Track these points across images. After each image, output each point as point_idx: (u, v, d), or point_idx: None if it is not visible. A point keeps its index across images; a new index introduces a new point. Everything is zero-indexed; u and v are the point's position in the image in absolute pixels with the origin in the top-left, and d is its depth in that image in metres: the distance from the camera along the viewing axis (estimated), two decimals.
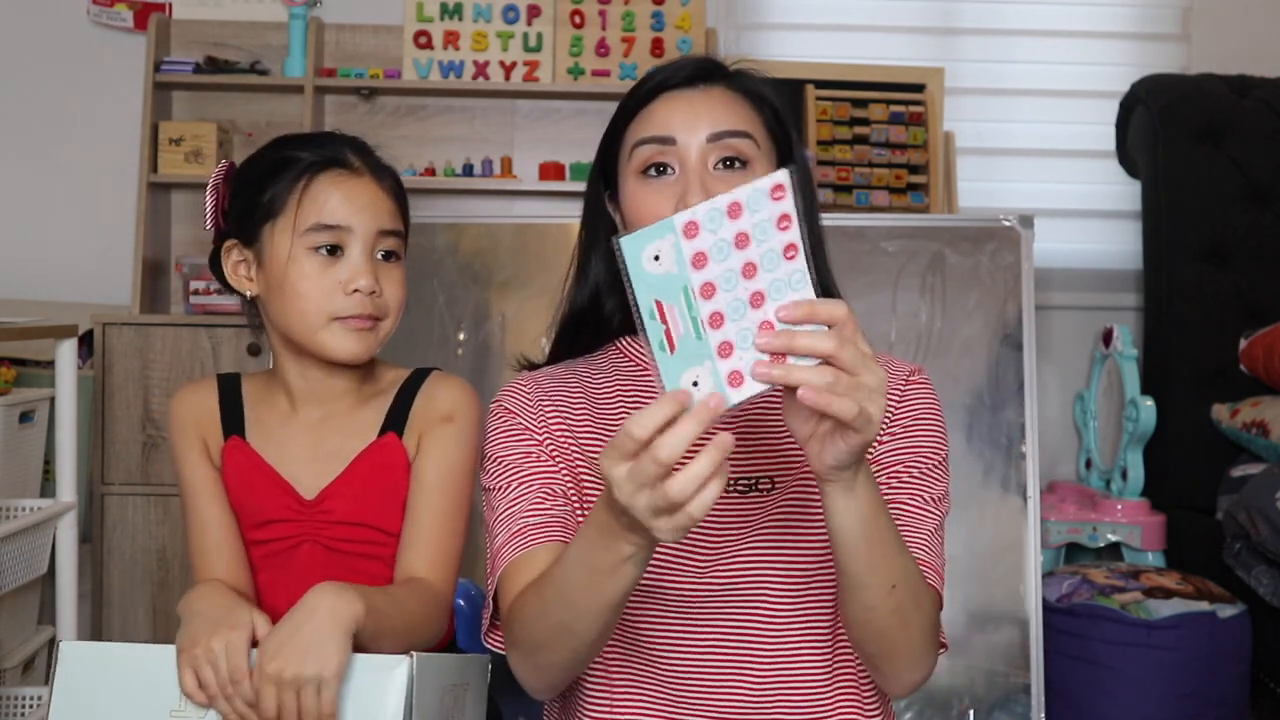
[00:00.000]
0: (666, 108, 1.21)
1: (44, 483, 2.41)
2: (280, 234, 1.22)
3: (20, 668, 2.30)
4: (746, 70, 1.26)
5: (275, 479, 1.27)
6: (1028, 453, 2.40)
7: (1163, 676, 2.30)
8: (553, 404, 1.27)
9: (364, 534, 1.25)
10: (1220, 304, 2.94)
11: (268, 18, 3.10)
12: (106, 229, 3.07)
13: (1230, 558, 2.46)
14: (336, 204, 1.22)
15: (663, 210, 1.18)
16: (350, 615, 1.06)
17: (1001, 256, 2.49)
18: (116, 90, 3.09)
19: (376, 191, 1.25)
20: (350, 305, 1.22)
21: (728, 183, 1.18)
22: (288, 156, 1.24)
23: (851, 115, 3.03)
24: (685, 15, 3.07)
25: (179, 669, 1.08)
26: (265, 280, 1.25)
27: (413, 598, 1.19)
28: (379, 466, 1.26)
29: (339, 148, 1.25)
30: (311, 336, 1.23)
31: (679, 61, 1.25)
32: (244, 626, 1.09)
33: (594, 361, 1.34)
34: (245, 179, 1.28)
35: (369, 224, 1.23)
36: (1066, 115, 3.27)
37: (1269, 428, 2.66)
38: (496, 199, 3.12)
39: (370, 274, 1.22)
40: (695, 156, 1.19)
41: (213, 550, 1.27)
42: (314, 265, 1.21)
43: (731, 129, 1.20)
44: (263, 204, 1.23)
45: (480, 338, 2.48)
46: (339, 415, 1.28)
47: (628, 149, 1.24)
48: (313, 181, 1.22)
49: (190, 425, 1.30)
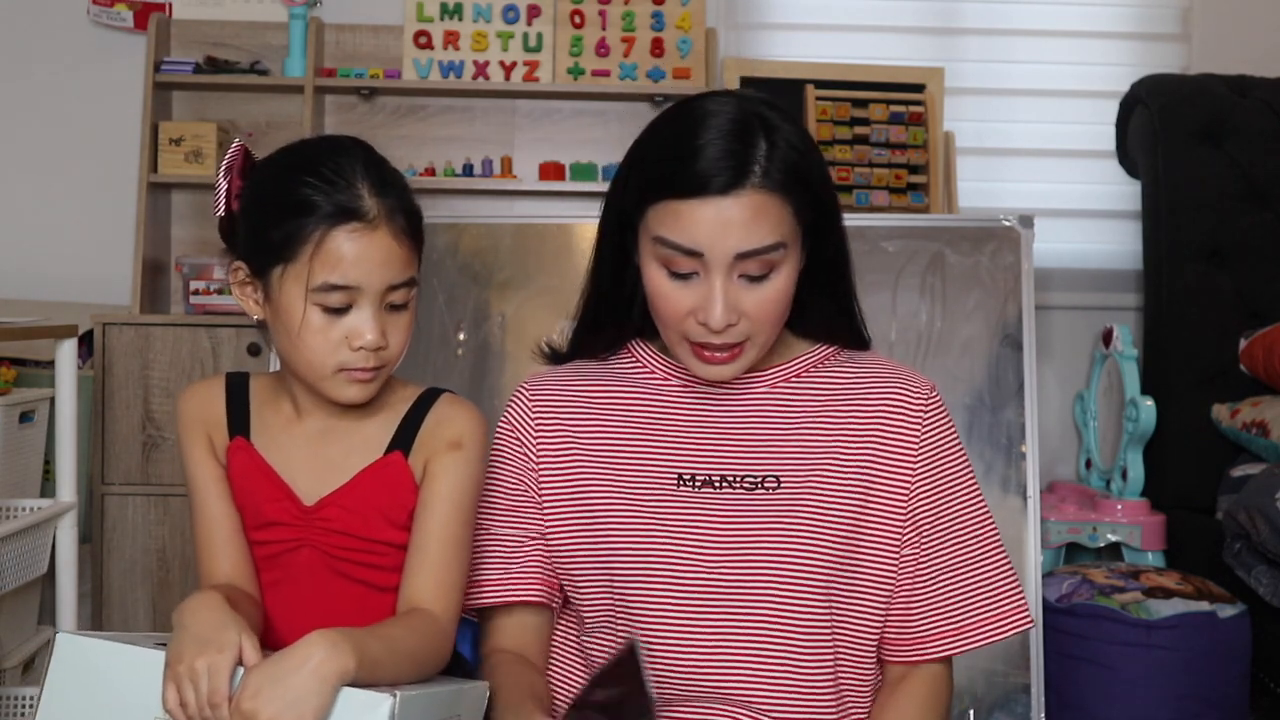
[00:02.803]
0: (695, 214, 1.16)
1: (44, 483, 2.41)
2: (290, 283, 1.20)
3: (20, 668, 2.30)
4: (780, 141, 1.17)
5: (277, 482, 1.27)
6: (1028, 453, 2.40)
7: (1163, 676, 2.30)
8: (552, 415, 1.32)
9: (363, 544, 1.25)
10: (1220, 304, 2.94)
11: (268, 18, 3.10)
12: (106, 229, 3.07)
13: (1230, 558, 2.46)
14: (349, 265, 1.19)
15: (682, 306, 1.19)
16: (338, 672, 1.05)
17: (1001, 256, 2.49)
18: (116, 90, 3.09)
19: (390, 245, 1.21)
20: (354, 359, 1.21)
21: (752, 293, 1.18)
22: (305, 200, 1.20)
23: (851, 115, 3.03)
24: (685, 15, 3.07)
25: (164, 683, 1.07)
26: (272, 314, 1.24)
27: (414, 636, 1.18)
28: (382, 484, 1.26)
29: (356, 191, 1.20)
30: (316, 383, 1.23)
31: (717, 151, 1.16)
32: (230, 648, 1.07)
33: (605, 364, 1.35)
34: (258, 203, 1.25)
35: (379, 282, 1.20)
36: (1066, 115, 3.27)
37: (1269, 428, 2.66)
38: (496, 199, 3.12)
39: (376, 329, 1.20)
40: (721, 273, 1.17)
41: (219, 547, 1.26)
42: (321, 320, 1.20)
43: (761, 246, 1.16)
44: (274, 244, 1.20)
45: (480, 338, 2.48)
46: (344, 426, 1.28)
47: (649, 229, 1.20)
48: (327, 238, 1.18)
49: (197, 423, 1.30)
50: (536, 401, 1.34)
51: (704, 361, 1.21)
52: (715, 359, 1.21)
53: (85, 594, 2.46)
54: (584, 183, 2.99)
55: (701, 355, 1.21)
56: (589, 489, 1.28)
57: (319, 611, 1.23)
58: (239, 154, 1.28)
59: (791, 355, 1.31)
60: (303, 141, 1.30)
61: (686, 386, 1.30)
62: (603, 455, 1.29)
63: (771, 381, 1.29)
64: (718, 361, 1.21)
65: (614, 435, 1.30)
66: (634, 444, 1.29)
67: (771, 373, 1.29)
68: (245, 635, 1.09)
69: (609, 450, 1.29)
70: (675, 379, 1.31)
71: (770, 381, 1.29)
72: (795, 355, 1.31)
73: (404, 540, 1.26)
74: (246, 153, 1.28)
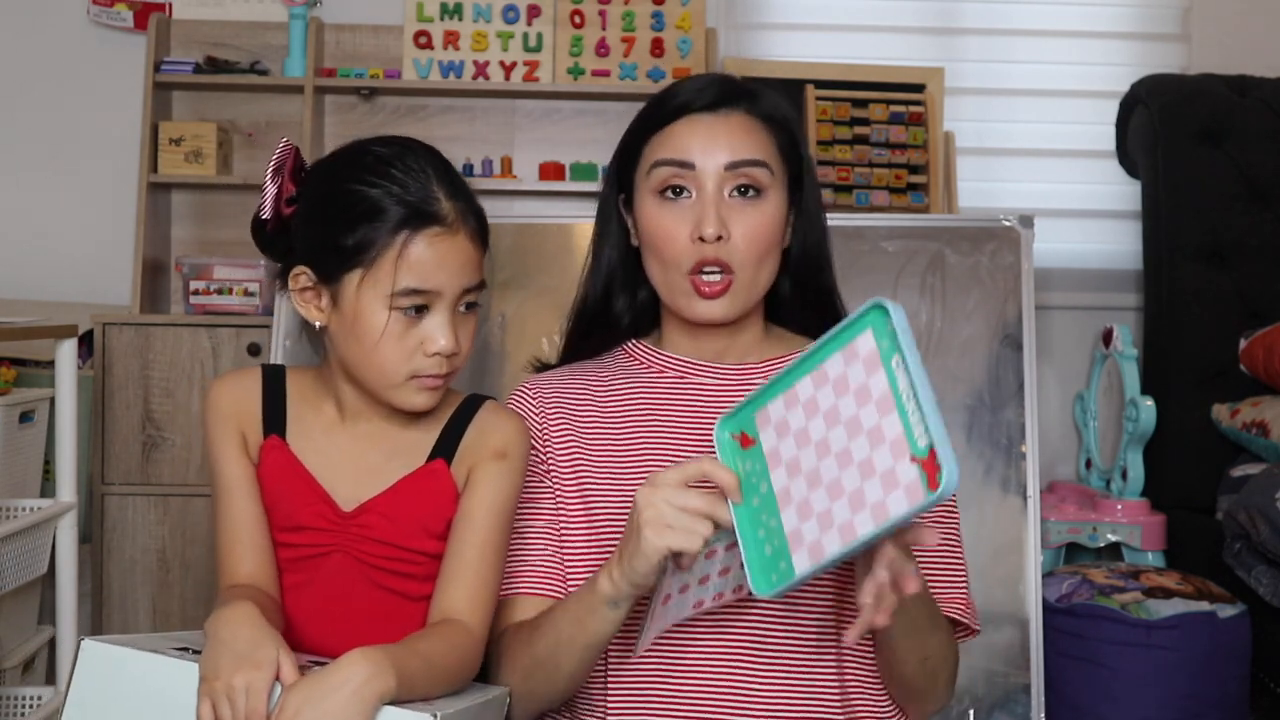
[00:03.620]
0: (686, 130, 1.25)
1: (44, 483, 2.41)
2: (368, 288, 1.17)
3: (20, 668, 2.30)
4: (765, 93, 1.29)
5: (313, 486, 1.23)
6: (1028, 453, 2.40)
7: (1163, 676, 2.30)
8: (557, 412, 1.31)
9: (398, 553, 1.22)
10: (1220, 304, 2.94)
11: (268, 18, 3.10)
12: (106, 229, 3.07)
13: (1230, 558, 2.46)
14: (432, 269, 1.16)
15: (678, 232, 1.22)
16: (379, 693, 1.04)
17: (1001, 256, 2.49)
18: (116, 90, 3.08)
19: (468, 248, 1.19)
20: (429, 365, 1.18)
21: (741, 211, 1.23)
22: (378, 201, 1.16)
23: (851, 115, 3.03)
24: (685, 15, 3.07)
25: (198, 699, 1.05)
26: (340, 320, 1.20)
27: (450, 652, 1.15)
28: (425, 493, 1.23)
29: (433, 194, 1.18)
30: (384, 390, 1.20)
31: (701, 81, 1.27)
32: (269, 665, 1.04)
33: (603, 363, 1.35)
34: (326, 205, 1.20)
35: (457, 285, 1.18)
36: (1066, 115, 3.26)
37: (1269, 428, 2.66)
38: (496, 199, 3.11)
39: (451, 335, 1.18)
40: (712, 184, 1.23)
41: (244, 547, 1.22)
42: (399, 325, 1.17)
43: (749, 158, 1.24)
44: (349, 248, 1.17)
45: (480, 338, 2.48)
46: (387, 432, 1.25)
47: (646, 165, 1.27)
48: (411, 242, 1.16)
49: (230, 418, 1.25)
50: (540, 399, 1.34)
51: (701, 296, 1.24)
52: (710, 290, 1.23)
53: (85, 594, 2.46)
54: (584, 183, 2.99)
55: (699, 287, 1.24)
56: (591, 485, 1.29)
57: (347, 618, 1.21)
58: (289, 154, 1.23)
59: (786, 349, 1.34)
60: (365, 143, 1.24)
61: (683, 378, 1.31)
62: (603, 452, 1.29)
63: (766, 374, 1.30)
64: (712, 294, 1.24)
65: (614, 432, 1.30)
66: (634, 441, 1.29)
67: (764, 365, 1.32)
68: (283, 652, 1.06)
69: (610, 447, 1.29)
70: (672, 371, 1.32)
71: (765, 374, 1.30)
72: (791, 350, 1.33)
73: (439, 550, 1.23)
74: (297, 153, 1.24)
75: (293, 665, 1.06)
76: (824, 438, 1.00)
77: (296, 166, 1.24)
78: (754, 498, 1.05)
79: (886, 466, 0.95)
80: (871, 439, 0.97)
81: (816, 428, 1.01)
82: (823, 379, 1.02)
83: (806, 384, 1.03)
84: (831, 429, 1.00)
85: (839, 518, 0.98)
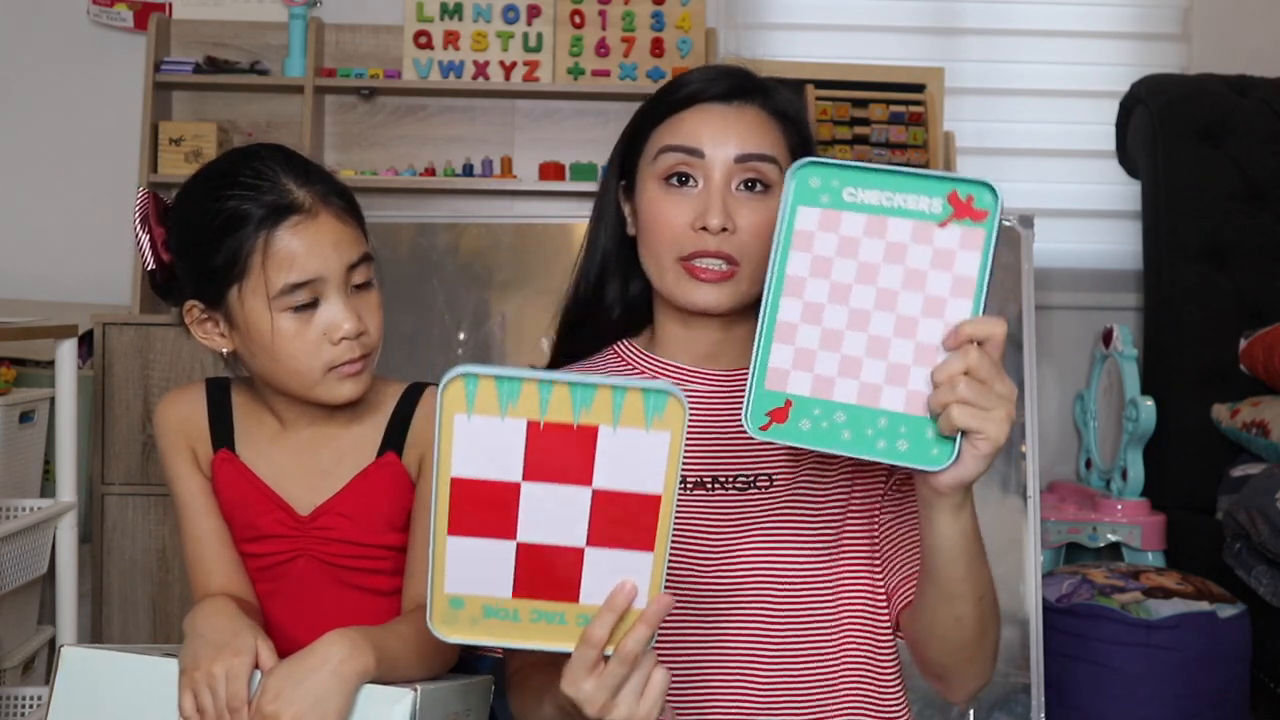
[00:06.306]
0: (698, 119, 1.22)
1: (44, 483, 2.41)
2: (250, 297, 1.16)
3: (20, 668, 2.30)
4: (779, 90, 1.26)
5: (268, 494, 1.24)
6: (1028, 453, 2.40)
7: (1163, 676, 2.30)
8: None
9: (363, 550, 1.23)
10: (1220, 304, 2.94)
11: (268, 18, 3.10)
12: (106, 229, 3.07)
13: (1230, 558, 2.46)
14: (304, 258, 1.15)
15: (679, 218, 1.20)
16: (359, 671, 1.05)
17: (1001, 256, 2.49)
18: (116, 90, 3.08)
19: (336, 227, 1.18)
20: (341, 353, 1.17)
21: (748, 205, 1.20)
22: (233, 212, 1.15)
23: (851, 115, 3.03)
24: (685, 15, 3.07)
25: (179, 690, 1.06)
26: (241, 339, 1.20)
27: (426, 634, 1.13)
28: (380, 487, 1.23)
29: (283, 188, 1.17)
30: (309, 391, 1.19)
31: (715, 71, 1.25)
32: (247, 652, 1.06)
33: (592, 365, 1.35)
34: (188, 234, 1.20)
35: (337, 266, 1.17)
36: (1066, 115, 3.27)
37: (1269, 428, 2.66)
38: (496, 199, 3.12)
39: (352, 317, 1.17)
40: (720, 174, 1.20)
41: (211, 561, 1.24)
42: (294, 324, 1.16)
43: (759, 152, 1.20)
44: (220, 266, 1.16)
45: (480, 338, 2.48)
46: (332, 434, 1.25)
47: (652, 150, 1.24)
48: (272, 238, 1.14)
49: (179, 435, 1.26)
50: None
51: (698, 280, 1.20)
52: (708, 275, 1.19)
53: (85, 594, 2.46)
54: (584, 183, 2.99)
55: (695, 272, 1.19)
56: None
57: (321, 621, 1.21)
58: (148, 201, 1.22)
59: None
60: (210, 163, 1.25)
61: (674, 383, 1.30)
62: None
63: None
64: (711, 279, 1.19)
65: None
66: None
67: None
68: (260, 639, 1.08)
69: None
70: (662, 376, 1.31)
71: None
72: None
73: (403, 542, 1.24)
74: (155, 198, 1.23)
75: (271, 651, 1.07)
76: (878, 274, 0.91)
77: (161, 210, 1.23)
78: None
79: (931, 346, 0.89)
80: (928, 308, 0.90)
81: (873, 253, 0.91)
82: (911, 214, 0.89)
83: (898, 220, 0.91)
84: (890, 266, 0.90)
85: (869, 375, 0.91)
